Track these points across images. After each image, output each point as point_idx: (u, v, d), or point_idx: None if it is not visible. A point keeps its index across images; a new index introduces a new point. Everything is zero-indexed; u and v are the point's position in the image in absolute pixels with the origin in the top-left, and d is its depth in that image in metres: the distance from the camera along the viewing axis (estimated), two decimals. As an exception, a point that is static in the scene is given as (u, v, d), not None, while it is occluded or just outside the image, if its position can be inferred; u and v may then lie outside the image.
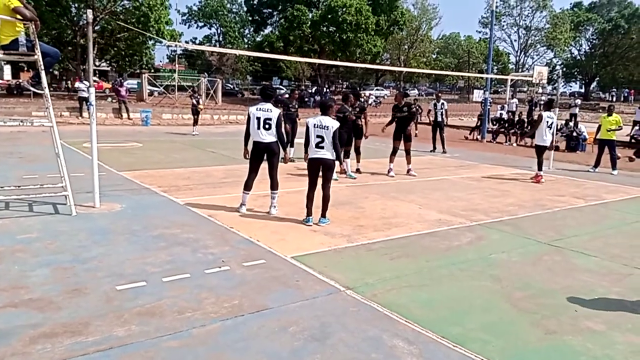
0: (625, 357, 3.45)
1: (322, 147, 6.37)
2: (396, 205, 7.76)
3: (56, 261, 4.71)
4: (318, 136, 6.38)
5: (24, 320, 3.55)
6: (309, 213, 6.45)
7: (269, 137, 6.58)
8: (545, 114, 10.58)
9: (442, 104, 16.03)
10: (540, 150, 10.63)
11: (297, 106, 12.44)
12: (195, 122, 17.92)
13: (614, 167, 12.25)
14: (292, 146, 11.85)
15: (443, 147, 15.52)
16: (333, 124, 6.42)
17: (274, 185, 6.80)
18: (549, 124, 10.55)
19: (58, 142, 6.50)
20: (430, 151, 15.36)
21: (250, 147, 6.83)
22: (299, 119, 12.49)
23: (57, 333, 3.38)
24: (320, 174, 6.51)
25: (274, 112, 6.58)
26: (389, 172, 10.57)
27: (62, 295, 3.98)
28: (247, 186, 6.84)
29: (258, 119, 6.58)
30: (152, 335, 3.40)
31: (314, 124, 6.43)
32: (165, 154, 12.63)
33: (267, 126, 6.55)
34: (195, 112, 17.81)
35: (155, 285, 4.24)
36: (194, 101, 17.96)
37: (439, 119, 15.82)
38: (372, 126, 16.41)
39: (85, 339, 3.31)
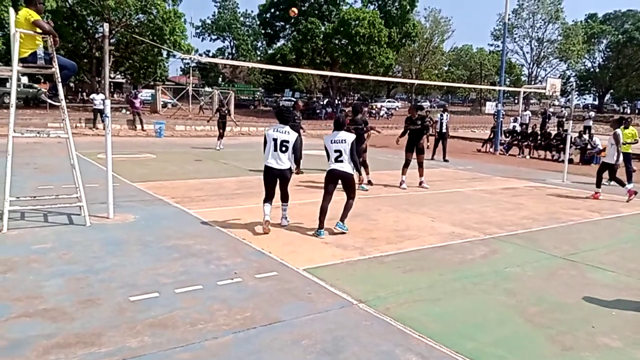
0: (644, 375, 3.38)
1: (342, 161, 6.47)
2: (409, 218, 7.73)
3: (70, 271, 4.75)
4: (336, 151, 6.47)
5: (38, 330, 3.57)
6: (321, 226, 6.45)
7: (284, 162, 6.40)
8: (618, 131, 10.49)
9: (447, 115, 17.18)
10: (605, 167, 10.52)
11: (300, 117, 12.35)
12: (221, 136, 16.91)
13: (629, 180, 12.06)
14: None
15: (444, 156, 16.01)
16: (349, 136, 6.53)
17: (284, 197, 6.74)
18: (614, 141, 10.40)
19: (74, 153, 6.58)
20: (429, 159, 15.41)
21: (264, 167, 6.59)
22: (304, 130, 12.45)
23: (70, 343, 3.40)
24: (342, 187, 6.68)
25: (292, 135, 6.42)
26: (401, 184, 10.54)
27: (76, 306, 4.00)
28: (266, 200, 6.58)
29: (275, 140, 6.37)
30: (164, 347, 3.40)
31: (331, 140, 6.54)
32: (178, 165, 12.72)
33: (283, 148, 6.34)
34: (222, 125, 16.93)
35: (168, 297, 4.25)
36: (222, 113, 17.07)
37: (444, 129, 16.76)
38: (384, 138, 16.47)
39: (98, 350, 3.32)
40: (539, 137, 19.44)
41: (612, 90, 66.30)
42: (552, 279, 5.21)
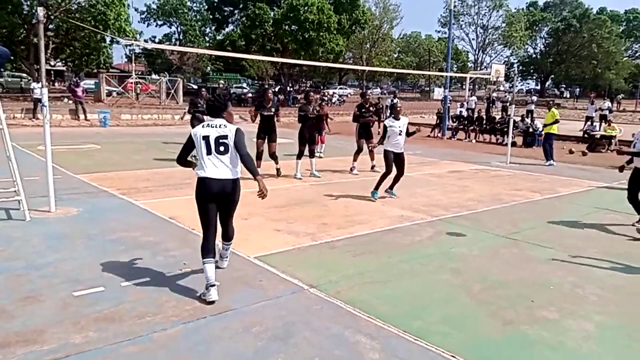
0: (577, 343, 3.59)
1: (399, 143, 8.12)
2: (359, 203, 7.83)
3: (9, 268, 4.54)
4: (400, 133, 8.03)
5: (-26, 330, 3.40)
6: (377, 187, 8.10)
7: (228, 168, 4.11)
8: None
9: (397, 101, 17.57)
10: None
11: (273, 109, 9.76)
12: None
13: (550, 157, 13.13)
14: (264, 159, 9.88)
15: None
16: (405, 121, 8.29)
17: (227, 233, 4.47)
18: None
19: (9, 144, 6.25)
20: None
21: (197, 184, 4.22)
22: (279, 121, 10.12)
23: (9, 342, 3.26)
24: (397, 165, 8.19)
25: (230, 128, 4.15)
26: (351, 170, 10.67)
27: (16, 304, 3.84)
28: (208, 250, 4.18)
29: (206, 138, 4.09)
30: (110, 341, 3.32)
31: (398, 126, 8.03)
32: (124, 155, 12.33)
33: (222, 148, 4.09)
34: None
35: (113, 290, 4.14)
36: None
37: None
38: (336, 125, 16.57)
39: (41, 348, 3.21)
40: (484, 122, 20.07)
41: (552, 76, 69.18)
42: (495, 258, 5.43)
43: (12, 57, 10.12)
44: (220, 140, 4.09)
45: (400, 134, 8.13)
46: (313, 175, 9.98)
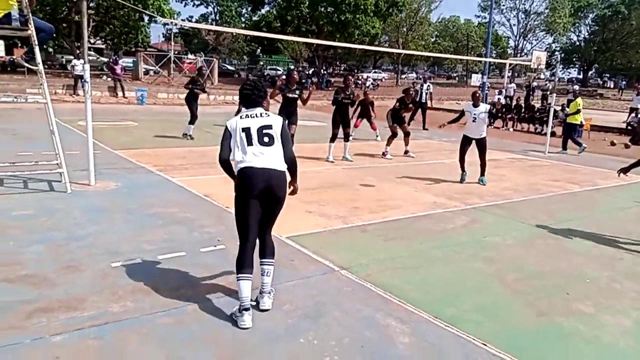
0: (614, 338, 3.50)
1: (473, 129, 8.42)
2: (392, 188, 7.78)
3: (51, 238, 4.71)
4: (474, 120, 8.32)
5: (20, 295, 3.56)
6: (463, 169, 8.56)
7: (275, 159, 3.50)
8: None
9: (428, 86, 17.69)
10: None
11: (297, 91, 9.24)
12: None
13: (564, 147, 13.08)
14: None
15: (424, 126, 16.25)
16: (485, 107, 8.54)
17: (268, 246, 3.75)
18: None
19: (53, 119, 6.44)
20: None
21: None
22: (304, 104, 9.54)
23: (52, 308, 3.40)
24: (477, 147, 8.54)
25: (274, 118, 3.61)
26: (384, 154, 10.60)
27: (58, 272, 3.99)
28: (245, 264, 3.54)
29: (247, 130, 3.51)
30: (147, 312, 3.42)
31: (473, 113, 8.33)
32: (160, 133, 12.56)
33: (266, 139, 3.50)
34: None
35: (150, 263, 4.25)
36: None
37: (423, 100, 17.27)
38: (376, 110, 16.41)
39: (81, 314, 3.33)
40: (522, 110, 19.55)
41: (596, 65, 66.59)
42: (530, 248, 5.33)
43: (55, 34, 10.35)
44: (264, 131, 3.49)
45: (474, 121, 8.45)
46: (345, 159, 9.95)
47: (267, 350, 3.08)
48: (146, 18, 31.96)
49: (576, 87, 28.09)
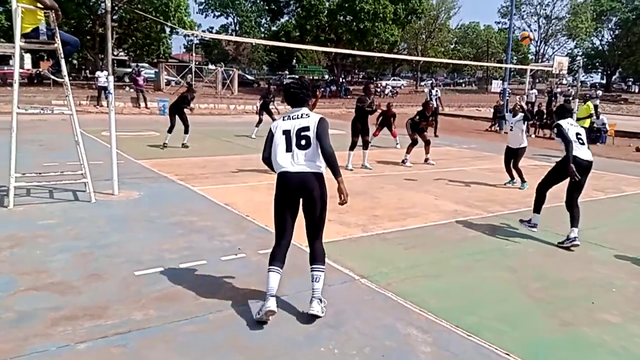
0: (642, 350, 3.42)
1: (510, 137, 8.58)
2: (412, 196, 7.74)
3: (76, 247, 4.81)
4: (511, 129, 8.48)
5: (46, 303, 3.64)
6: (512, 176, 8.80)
7: (305, 162, 3.59)
8: None
9: (437, 91, 17.82)
10: None
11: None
12: (260, 122, 14.47)
13: None
14: None
15: (435, 132, 16.10)
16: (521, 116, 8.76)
17: (317, 257, 3.75)
18: None
19: (78, 130, 6.60)
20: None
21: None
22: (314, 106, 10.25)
23: (77, 316, 3.46)
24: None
25: (313, 118, 3.67)
26: (404, 162, 10.57)
27: (82, 280, 4.06)
28: (276, 258, 3.70)
29: (287, 132, 3.64)
30: (170, 320, 3.47)
31: (510, 122, 8.50)
32: (181, 142, 12.71)
33: (302, 142, 3.61)
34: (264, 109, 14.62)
35: (172, 271, 4.31)
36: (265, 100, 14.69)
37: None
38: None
39: (105, 322, 3.39)
40: (544, 116, 19.29)
41: (620, 69, 65.33)
42: (553, 256, 5.24)
43: (79, 47, 10.66)
44: (302, 133, 3.58)
45: (511, 129, 8.84)
46: (364, 167, 9.95)
47: (289, 359, 3.09)
48: (168, 30, 32.56)
49: (599, 92, 27.65)
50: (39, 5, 6.04)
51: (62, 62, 6.35)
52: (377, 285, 4.22)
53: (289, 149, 3.59)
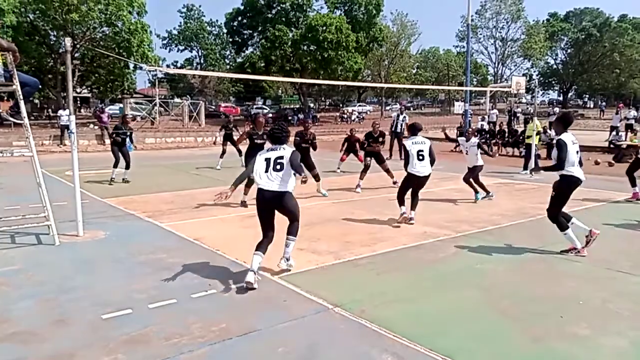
0: (611, 361, 3.49)
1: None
2: (382, 220, 7.79)
3: (40, 292, 4.65)
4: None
5: (8, 355, 3.48)
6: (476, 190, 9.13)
7: (279, 182, 4.96)
8: None
9: (404, 117, 18.08)
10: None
11: (265, 136, 8.84)
12: (224, 152, 14.95)
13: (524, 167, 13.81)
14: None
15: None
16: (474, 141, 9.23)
17: (290, 231, 5.14)
18: None
19: (39, 171, 6.44)
20: (386, 158, 15.42)
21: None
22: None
23: (41, 366, 3.32)
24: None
25: (287, 150, 5.10)
26: (357, 187, 10.59)
27: (47, 327, 3.92)
28: (260, 247, 5.01)
29: (267, 160, 5.03)
30: (139, 363, 3.36)
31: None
32: (149, 178, 12.57)
33: (278, 166, 4.98)
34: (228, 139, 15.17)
35: (141, 312, 4.20)
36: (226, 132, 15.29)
37: (399, 129, 17.64)
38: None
39: (71, 371, 3.26)
40: (506, 135, 19.87)
41: (575, 86, 68.15)
42: (522, 273, 5.34)
43: (40, 86, 10.51)
44: (278, 160, 5.01)
45: (466, 153, 9.65)
46: (320, 193, 9.87)
47: (262, 396, 3.03)
48: (131, 65, 32.37)
49: (557, 109, 28.73)
50: (-4, 47, 5.95)
51: (22, 103, 6.23)
52: (350, 313, 4.20)
53: (266, 170, 4.99)
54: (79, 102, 45.60)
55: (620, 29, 57.34)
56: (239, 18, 42.24)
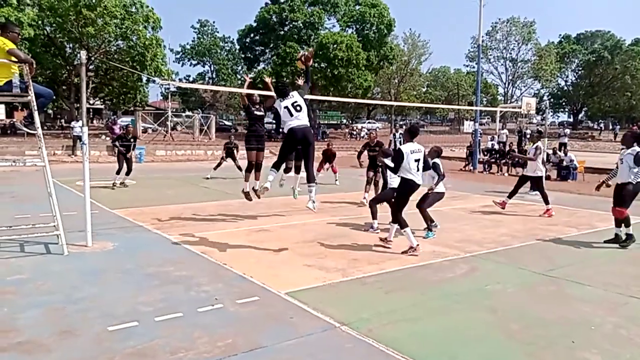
0: (623, 388, 3.42)
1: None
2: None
3: (47, 302, 4.65)
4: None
5: (13, 364, 3.48)
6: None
7: (304, 119, 6.68)
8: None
9: (400, 134, 17.52)
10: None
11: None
12: (220, 165, 15.96)
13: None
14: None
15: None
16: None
17: (310, 179, 6.62)
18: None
19: (50, 181, 6.50)
20: None
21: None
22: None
23: (46, 377, 3.31)
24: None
25: (295, 93, 6.83)
26: (364, 199, 10.55)
27: (53, 337, 3.91)
28: (276, 166, 6.79)
29: (286, 107, 6.65)
30: (144, 377, 3.34)
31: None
32: (158, 190, 12.63)
33: (298, 107, 6.66)
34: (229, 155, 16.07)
35: (147, 325, 4.18)
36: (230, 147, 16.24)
37: (397, 147, 17.08)
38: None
39: (76, 383, 3.25)
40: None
41: (585, 108, 67.98)
42: (532, 295, 5.27)
43: (54, 97, 10.74)
44: (295, 104, 6.65)
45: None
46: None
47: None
48: (144, 78, 32.80)
49: (567, 130, 28.61)
50: (13, 59, 6.06)
51: (35, 114, 6.32)
52: (357, 332, 4.16)
53: (291, 115, 6.60)
54: (91, 113, 46.20)
55: (632, 52, 57.37)
56: (252, 35, 42.83)
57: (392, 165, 6.84)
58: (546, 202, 10.27)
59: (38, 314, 4.37)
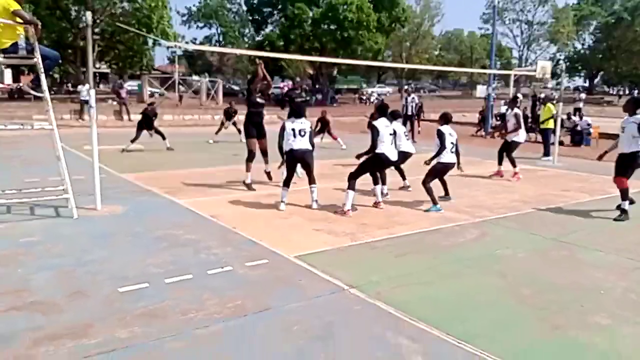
0: (633, 350, 3.40)
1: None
2: (399, 203, 7.71)
3: (58, 264, 4.69)
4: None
5: (27, 323, 3.53)
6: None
7: (305, 143, 7.15)
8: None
9: (413, 98, 17.94)
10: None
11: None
12: (220, 130, 16.50)
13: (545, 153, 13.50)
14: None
15: (412, 138, 16.11)
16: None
17: (310, 181, 7.21)
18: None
19: (59, 145, 6.47)
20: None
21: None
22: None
23: (60, 335, 3.36)
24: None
25: (307, 123, 7.29)
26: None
27: (65, 298, 3.95)
28: (286, 184, 7.19)
29: (293, 130, 7.09)
30: (154, 337, 3.37)
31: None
32: (166, 155, 12.62)
33: (302, 133, 7.13)
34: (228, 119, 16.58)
35: (157, 287, 4.21)
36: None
37: (409, 112, 17.29)
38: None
39: (88, 341, 3.29)
40: (529, 120, 19.44)
41: (602, 72, 66.43)
42: (542, 261, 5.23)
43: (60, 61, 10.67)
44: (301, 130, 7.11)
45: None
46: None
47: (276, 374, 3.02)
48: (150, 41, 32.38)
49: (582, 95, 28.04)
50: (18, 20, 5.94)
51: (42, 76, 6.24)
52: (366, 295, 4.16)
53: (295, 137, 7.04)
54: (97, 77, 45.93)
55: (653, 13, 55.51)
56: (259, -4, 41.92)
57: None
58: (513, 165, 10.31)
59: (50, 276, 4.41)
